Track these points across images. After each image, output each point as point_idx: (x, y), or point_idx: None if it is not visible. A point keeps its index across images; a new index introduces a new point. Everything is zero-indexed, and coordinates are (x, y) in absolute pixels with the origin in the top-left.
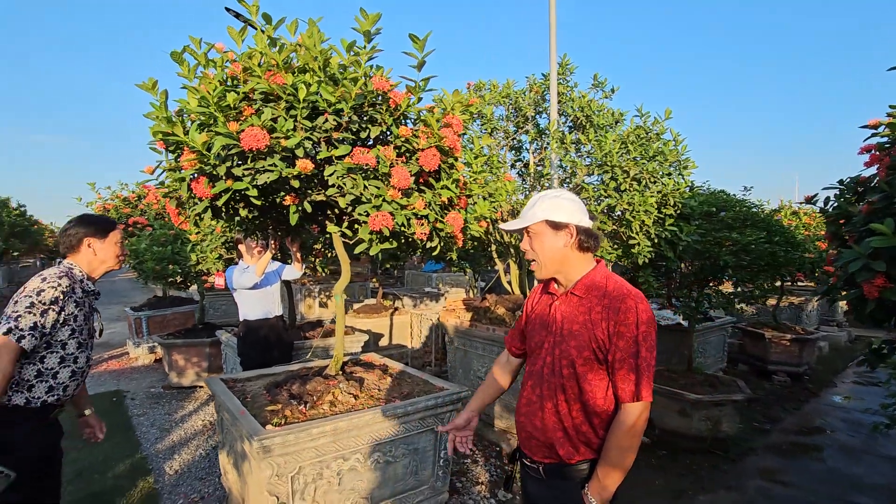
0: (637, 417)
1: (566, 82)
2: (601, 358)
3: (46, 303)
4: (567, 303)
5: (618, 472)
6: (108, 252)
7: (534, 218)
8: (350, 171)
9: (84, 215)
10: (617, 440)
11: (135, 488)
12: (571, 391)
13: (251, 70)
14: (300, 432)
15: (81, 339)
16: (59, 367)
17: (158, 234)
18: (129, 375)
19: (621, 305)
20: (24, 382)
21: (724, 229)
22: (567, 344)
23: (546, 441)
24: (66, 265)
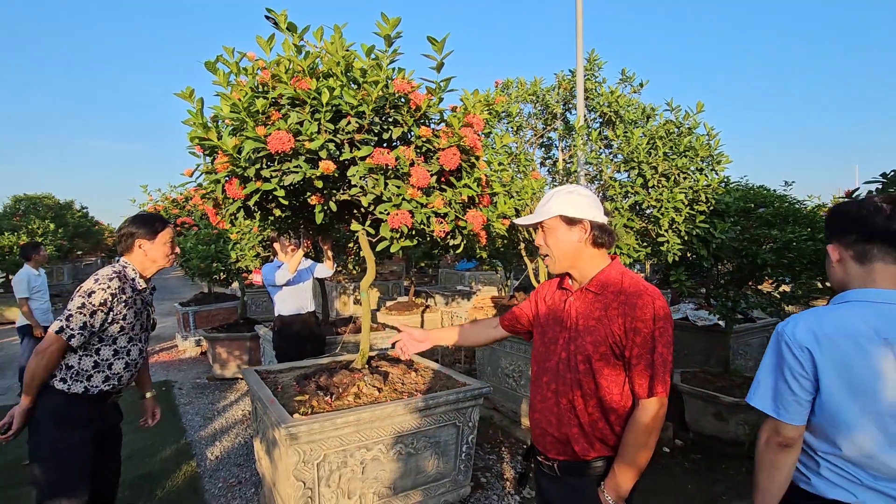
0: (654, 414)
1: (594, 78)
2: (617, 353)
3: (96, 304)
4: (582, 299)
5: (634, 470)
6: (157, 252)
7: (548, 213)
8: (371, 171)
9: (136, 216)
10: (633, 437)
11: (179, 471)
12: (587, 386)
13: (279, 77)
14: (325, 421)
15: (132, 334)
16: (113, 359)
17: (203, 234)
18: (177, 367)
19: (637, 301)
20: (84, 372)
21: (762, 226)
22: (583, 339)
23: (561, 437)
24: (121, 264)
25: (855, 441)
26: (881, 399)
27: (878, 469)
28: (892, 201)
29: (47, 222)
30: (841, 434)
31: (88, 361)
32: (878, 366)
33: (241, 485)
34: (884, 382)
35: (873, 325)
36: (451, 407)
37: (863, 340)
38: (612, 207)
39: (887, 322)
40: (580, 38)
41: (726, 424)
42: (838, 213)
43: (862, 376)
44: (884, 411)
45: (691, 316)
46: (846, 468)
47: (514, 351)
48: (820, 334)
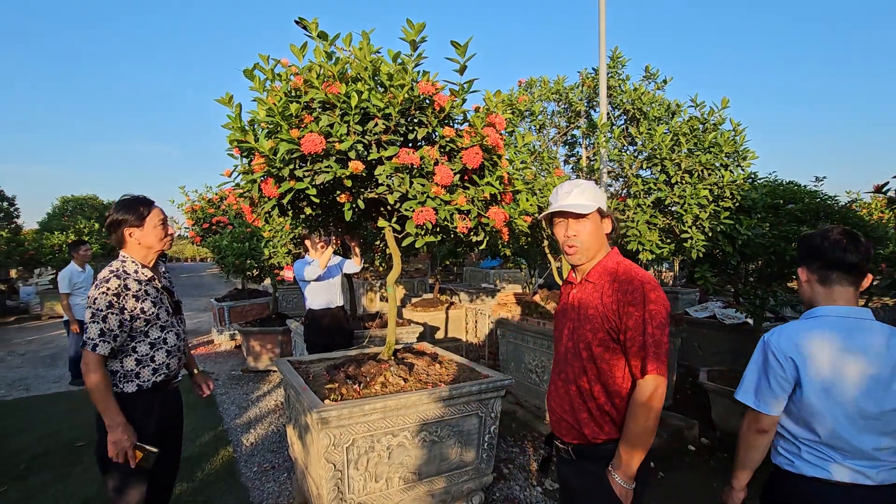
0: (651, 392)
1: (618, 75)
2: (615, 338)
3: (103, 309)
4: (582, 289)
5: (638, 449)
6: (150, 237)
7: (592, 205)
8: (397, 171)
9: (120, 201)
10: (633, 415)
11: (217, 455)
12: (592, 372)
13: (310, 82)
14: (353, 407)
15: (160, 323)
16: (153, 352)
17: (238, 232)
18: (213, 359)
19: (629, 287)
20: (131, 372)
21: (792, 222)
22: (584, 328)
23: (573, 422)
24: (119, 261)
25: (829, 429)
26: (847, 395)
27: (847, 450)
28: (849, 235)
29: (92, 222)
30: (819, 424)
31: (130, 362)
32: (844, 369)
33: (274, 469)
34: (848, 382)
35: (837, 337)
36: (473, 397)
37: (831, 350)
38: (635, 204)
39: (847, 334)
40: (603, 36)
41: None
42: (806, 242)
43: (832, 378)
44: (849, 405)
45: (719, 314)
46: (822, 450)
47: (537, 347)
48: (800, 345)
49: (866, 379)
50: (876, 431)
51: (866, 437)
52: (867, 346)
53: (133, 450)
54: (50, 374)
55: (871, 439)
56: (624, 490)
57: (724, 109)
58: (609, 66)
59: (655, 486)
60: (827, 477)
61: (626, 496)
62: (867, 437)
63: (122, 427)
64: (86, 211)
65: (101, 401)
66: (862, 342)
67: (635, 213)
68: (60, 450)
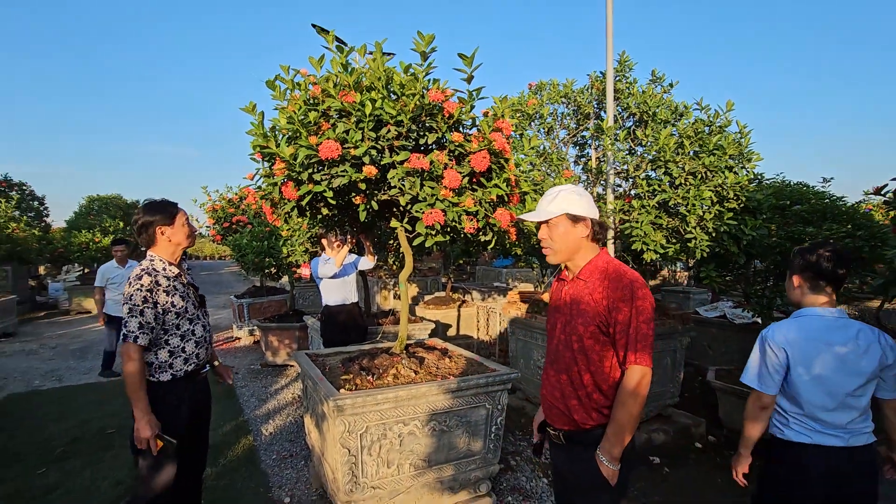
0: (638, 381)
1: (625, 79)
2: (605, 331)
3: (139, 304)
4: (574, 286)
5: (623, 432)
6: (179, 234)
7: (556, 211)
8: (408, 174)
9: (148, 204)
10: (620, 402)
11: (238, 443)
12: (582, 363)
13: (327, 91)
14: (367, 396)
15: (189, 316)
16: (183, 343)
17: (257, 231)
18: (233, 354)
19: (618, 284)
20: (165, 363)
21: (798, 223)
22: (575, 322)
23: (564, 409)
24: (147, 259)
25: (811, 405)
26: (825, 379)
27: (825, 421)
28: (837, 254)
29: (117, 220)
30: (803, 401)
31: (164, 353)
32: (824, 358)
33: (292, 457)
34: (826, 367)
35: (820, 332)
36: (480, 390)
37: (814, 342)
38: (639, 205)
39: (826, 329)
40: (610, 40)
41: None
42: (802, 257)
43: (814, 365)
44: (827, 385)
45: (729, 314)
46: (805, 422)
47: (545, 343)
48: (790, 339)
49: (839, 364)
50: (848, 407)
51: (840, 412)
52: (841, 338)
53: (154, 439)
54: (80, 365)
55: (845, 414)
56: (610, 471)
57: (730, 112)
58: (616, 70)
59: (661, 481)
60: (808, 442)
61: (612, 476)
62: (841, 412)
63: (146, 417)
64: (110, 210)
65: (133, 391)
66: (837, 335)
67: (640, 213)
68: (93, 436)
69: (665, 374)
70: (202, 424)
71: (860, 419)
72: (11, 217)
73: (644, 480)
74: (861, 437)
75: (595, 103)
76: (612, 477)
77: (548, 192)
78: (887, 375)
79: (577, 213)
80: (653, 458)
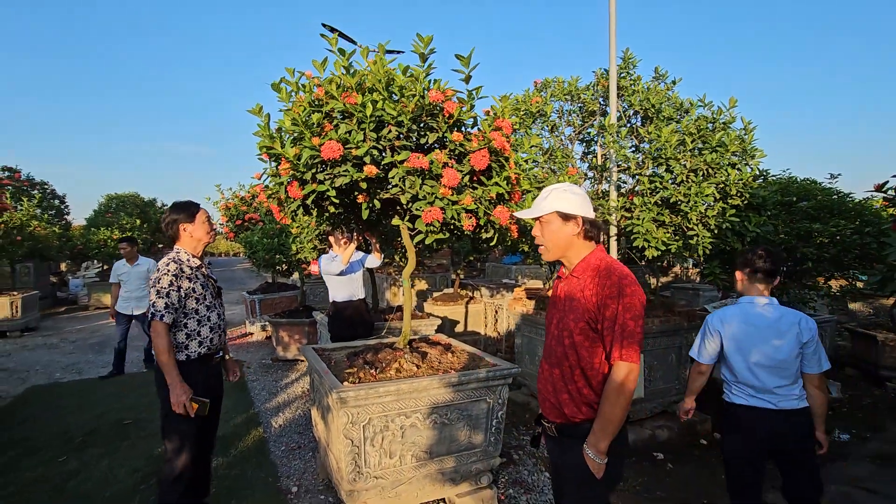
0: (624, 376)
1: (629, 76)
2: (595, 328)
3: (166, 286)
4: (568, 283)
5: (609, 426)
6: (200, 231)
7: (547, 209)
8: (409, 173)
9: (174, 205)
10: (607, 397)
11: (248, 435)
12: (573, 358)
13: (330, 93)
14: (369, 389)
15: (207, 303)
16: (199, 327)
17: (268, 229)
18: (246, 349)
19: (607, 281)
20: (182, 344)
21: (804, 220)
22: (568, 318)
23: (556, 403)
24: (174, 251)
25: (739, 373)
26: (748, 352)
27: (753, 386)
28: (768, 252)
29: (134, 218)
30: (734, 369)
31: (182, 335)
32: (747, 334)
33: (300, 449)
34: (749, 343)
35: (749, 316)
36: (481, 384)
37: (741, 324)
38: (641, 202)
39: (756, 315)
40: (613, 36)
41: None
42: (742, 256)
43: (740, 341)
44: (750, 358)
45: None
46: (740, 387)
47: None
48: (723, 320)
49: (760, 340)
50: (775, 375)
51: (766, 379)
52: (765, 321)
53: (190, 402)
54: (99, 359)
55: (771, 380)
56: (596, 464)
57: (733, 109)
58: (621, 67)
59: (664, 477)
60: (744, 403)
61: (598, 469)
62: (767, 379)
63: (179, 384)
64: (128, 208)
65: (165, 362)
66: (762, 319)
67: (641, 211)
68: (111, 427)
69: (670, 370)
70: (215, 406)
71: (788, 387)
72: (33, 215)
73: (647, 476)
74: (790, 402)
75: (601, 100)
76: (598, 471)
77: (543, 190)
78: (807, 352)
79: (567, 212)
80: (656, 453)
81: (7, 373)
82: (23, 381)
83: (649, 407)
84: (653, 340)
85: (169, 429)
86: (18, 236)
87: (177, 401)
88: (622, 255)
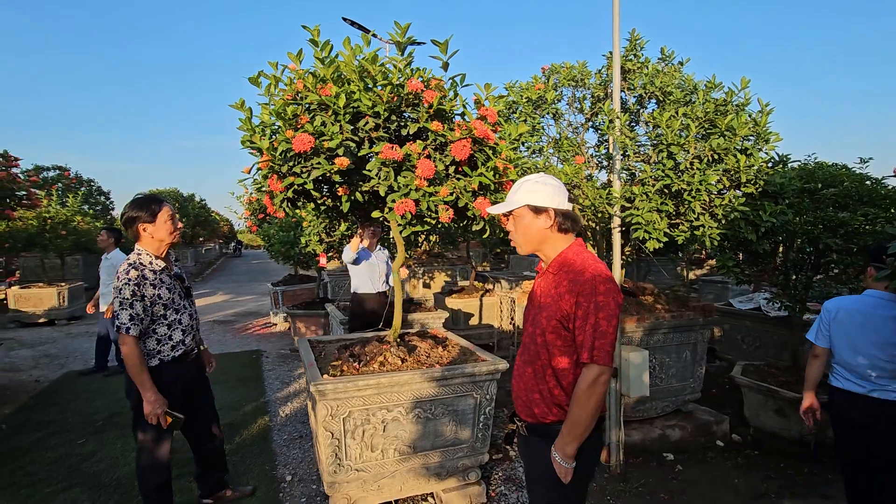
0: (593, 379)
1: (636, 59)
2: (566, 326)
3: (128, 297)
4: (545, 279)
5: (577, 429)
6: (161, 231)
7: (516, 203)
8: (384, 165)
9: (134, 199)
10: (575, 399)
11: (255, 423)
12: (544, 357)
13: (308, 86)
14: (348, 382)
15: (175, 306)
16: (170, 332)
17: (285, 222)
18: (267, 339)
19: (580, 278)
20: (154, 350)
21: (829, 208)
22: (541, 315)
23: (527, 402)
24: (135, 253)
25: (840, 356)
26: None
27: (853, 370)
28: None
29: None
30: (835, 352)
31: (151, 342)
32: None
33: (301, 438)
34: (854, 329)
35: (864, 306)
36: (467, 379)
37: (853, 311)
38: (641, 192)
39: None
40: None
41: (788, 421)
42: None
43: (846, 326)
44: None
45: (764, 306)
46: (839, 370)
47: None
48: (838, 308)
49: (866, 328)
50: (872, 365)
51: (864, 366)
52: (879, 311)
53: (164, 415)
54: None
55: (870, 369)
56: (563, 468)
57: (746, 89)
58: (627, 49)
59: (670, 479)
60: (839, 386)
61: (564, 474)
62: (865, 366)
63: (154, 395)
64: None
65: (136, 374)
66: (876, 309)
67: (641, 200)
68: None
69: (684, 367)
70: (201, 399)
71: (886, 378)
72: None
73: (652, 476)
74: (885, 393)
75: (610, 85)
76: (566, 475)
77: (516, 183)
78: None
79: (538, 204)
80: (666, 454)
81: (49, 358)
82: (61, 367)
83: (660, 405)
84: (663, 336)
85: (140, 423)
86: (64, 230)
87: (151, 412)
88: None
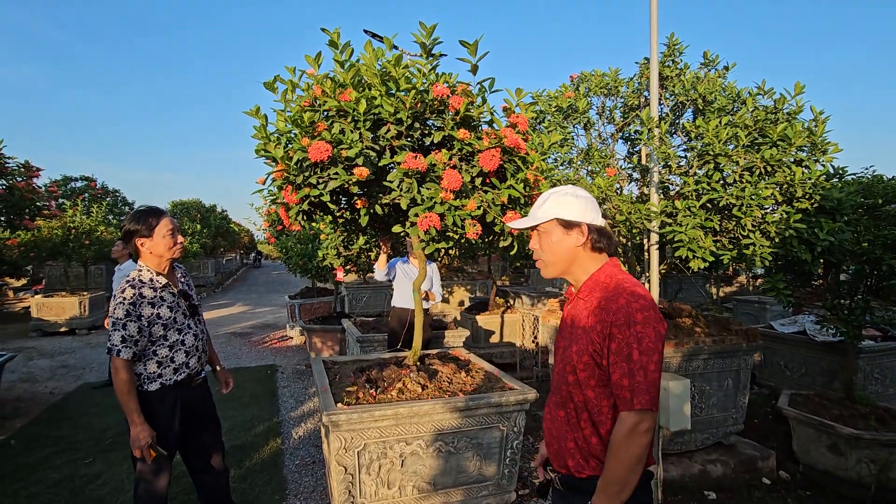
0: (632, 427)
1: (675, 64)
2: (599, 362)
3: (122, 317)
4: (574, 306)
5: (612, 487)
6: (159, 246)
7: (544, 216)
8: (406, 176)
9: (133, 212)
10: (611, 452)
11: (266, 446)
12: (578, 398)
13: (326, 91)
14: (363, 412)
15: (178, 326)
16: (172, 353)
17: (303, 234)
18: (283, 353)
19: (612, 305)
20: (154, 374)
21: (891, 226)
22: (571, 349)
23: (560, 450)
24: (136, 270)
25: None
26: None
27: None
28: None
29: (195, 223)
30: None
31: (152, 365)
32: None
33: (314, 464)
34: None
35: None
36: (493, 409)
37: None
38: (684, 206)
39: None
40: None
41: (844, 460)
42: None
43: None
44: None
45: (810, 329)
46: None
47: None
48: None
49: None
50: None
51: None
52: None
53: (148, 449)
54: None
55: None
56: None
57: (799, 96)
58: (665, 55)
59: None
60: None
61: None
62: None
63: (140, 427)
64: (191, 213)
65: (124, 401)
66: None
67: (685, 215)
68: None
69: (726, 397)
70: (206, 427)
71: None
72: (103, 220)
73: None
74: None
75: (646, 93)
76: None
77: (542, 195)
78: None
79: (569, 218)
80: (707, 492)
81: (66, 369)
82: (77, 378)
83: (700, 438)
84: (703, 362)
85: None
86: (87, 240)
87: (136, 444)
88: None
